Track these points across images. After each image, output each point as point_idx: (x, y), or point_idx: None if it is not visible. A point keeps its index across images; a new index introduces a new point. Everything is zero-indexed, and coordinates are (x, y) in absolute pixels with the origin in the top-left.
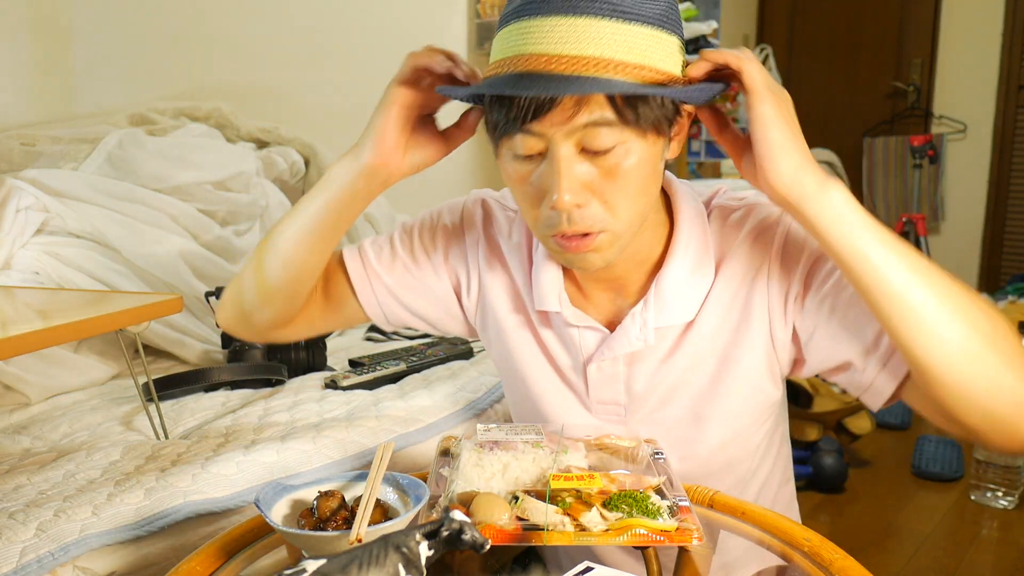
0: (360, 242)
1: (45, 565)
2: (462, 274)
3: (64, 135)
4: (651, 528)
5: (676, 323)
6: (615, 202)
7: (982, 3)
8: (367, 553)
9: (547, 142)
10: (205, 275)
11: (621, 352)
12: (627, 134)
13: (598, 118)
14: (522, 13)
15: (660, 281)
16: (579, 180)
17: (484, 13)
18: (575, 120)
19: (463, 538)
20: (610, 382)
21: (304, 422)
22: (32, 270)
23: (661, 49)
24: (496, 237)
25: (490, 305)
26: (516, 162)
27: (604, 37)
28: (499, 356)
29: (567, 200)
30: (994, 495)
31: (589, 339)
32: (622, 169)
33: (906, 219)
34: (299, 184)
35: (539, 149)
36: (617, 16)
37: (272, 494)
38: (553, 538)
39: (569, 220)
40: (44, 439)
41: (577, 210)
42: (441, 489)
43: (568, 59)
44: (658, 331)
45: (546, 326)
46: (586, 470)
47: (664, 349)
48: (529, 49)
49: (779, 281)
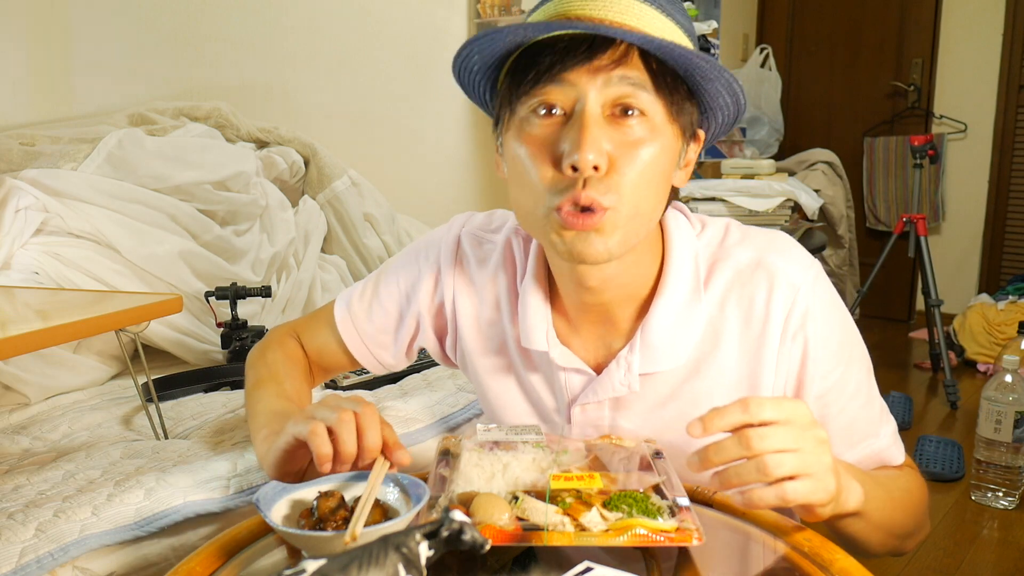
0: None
1: (44, 565)
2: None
3: (64, 135)
4: (651, 528)
5: (661, 369)
6: (628, 179)
7: (982, 3)
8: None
9: (577, 96)
10: (205, 275)
11: (605, 396)
12: (657, 107)
13: (634, 78)
14: None
15: (647, 323)
16: (601, 144)
17: (484, 13)
18: (613, 72)
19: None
20: (594, 425)
21: None
22: (32, 270)
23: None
24: (471, 276)
25: (468, 351)
26: (533, 124)
27: (645, 16)
28: (482, 394)
29: (591, 158)
30: (995, 495)
31: (574, 381)
32: (642, 147)
33: (906, 219)
34: (298, 184)
35: (566, 103)
36: (657, 6)
37: (272, 494)
38: (553, 538)
39: (585, 183)
40: (44, 439)
41: (595, 175)
42: (441, 489)
43: (613, 24)
44: (645, 378)
45: (530, 365)
46: (586, 470)
47: (654, 398)
48: (574, 10)
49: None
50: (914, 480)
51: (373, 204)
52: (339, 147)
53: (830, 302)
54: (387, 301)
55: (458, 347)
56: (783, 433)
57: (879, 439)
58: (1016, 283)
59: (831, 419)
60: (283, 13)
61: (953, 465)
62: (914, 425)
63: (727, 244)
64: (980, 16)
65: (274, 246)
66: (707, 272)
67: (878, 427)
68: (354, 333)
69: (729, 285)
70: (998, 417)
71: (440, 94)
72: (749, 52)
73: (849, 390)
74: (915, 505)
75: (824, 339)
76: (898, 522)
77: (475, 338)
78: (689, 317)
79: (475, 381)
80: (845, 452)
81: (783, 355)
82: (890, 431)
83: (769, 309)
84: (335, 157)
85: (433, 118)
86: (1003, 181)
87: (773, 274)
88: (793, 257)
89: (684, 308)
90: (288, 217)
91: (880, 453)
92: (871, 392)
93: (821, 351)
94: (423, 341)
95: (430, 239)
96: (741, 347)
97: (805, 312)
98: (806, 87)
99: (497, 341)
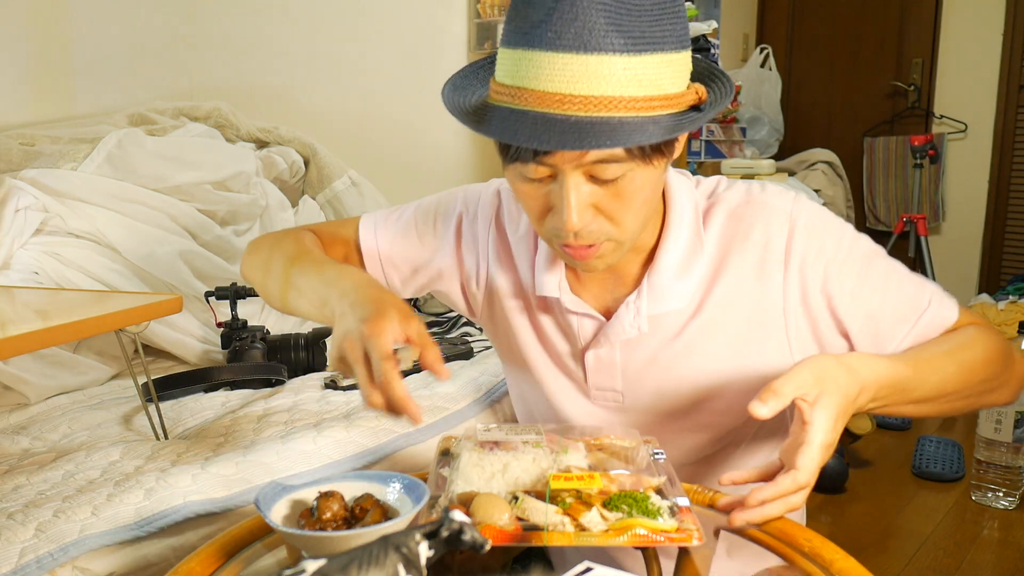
0: (376, 221)
1: (44, 565)
2: (471, 265)
3: (63, 135)
4: (651, 528)
5: (668, 310)
6: (620, 217)
7: (982, 3)
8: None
9: (556, 170)
10: (205, 275)
11: (616, 339)
12: (634, 163)
13: (607, 155)
14: (533, 43)
15: (653, 271)
16: (587, 202)
17: (484, 13)
18: (585, 157)
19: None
20: (607, 369)
21: (304, 422)
22: (32, 270)
23: (671, 72)
24: (506, 228)
25: (496, 294)
26: (525, 183)
27: (615, 75)
28: (502, 345)
29: (575, 222)
30: (995, 495)
31: (587, 327)
32: (628, 191)
33: (906, 219)
34: (298, 184)
35: (548, 173)
36: (628, 50)
37: (272, 494)
38: (553, 538)
39: (576, 236)
40: (43, 439)
41: (584, 228)
42: (441, 489)
43: (580, 99)
44: (652, 319)
45: (546, 313)
46: (586, 470)
47: (661, 338)
48: (541, 86)
49: (798, 284)
50: (975, 335)
51: (373, 204)
52: (339, 147)
53: (821, 214)
54: (417, 235)
55: (486, 292)
56: None
57: (928, 311)
58: (1016, 283)
59: (878, 312)
60: (283, 14)
61: (953, 465)
62: (914, 425)
63: (718, 191)
64: (980, 16)
65: None
66: (704, 217)
67: (922, 299)
68: (374, 249)
69: (725, 224)
70: (998, 417)
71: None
72: (749, 52)
73: (877, 280)
74: (979, 360)
75: (832, 247)
76: (963, 382)
77: (505, 285)
78: (692, 260)
79: (500, 328)
80: (905, 334)
81: (791, 276)
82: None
83: (768, 236)
84: (335, 157)
85: (433, 118)
86: (1003, 181)
87: (762, 204)
88: (775, 190)
89: (687, 252)
90: (288, 217)
91: (933, 322)
92: (899, 273)
93: (834, 259)
94: (441, 287)
95: (468, 188)
96: (742, 278)
97: (803, 230)
98: (806, 87)
99: (520, 286)
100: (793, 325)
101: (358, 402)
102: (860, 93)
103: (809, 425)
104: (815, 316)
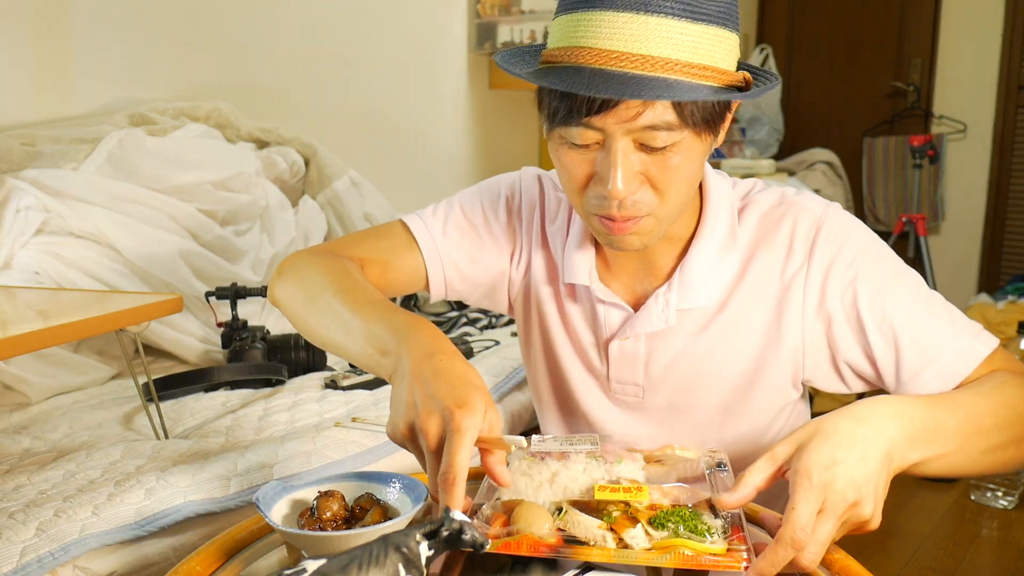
0: (422, 217)
1: (45, 565)
2: (516, 247)
3: (64, 135)
4: (697, 550)
5: (697, 306)
6: (664, 190)
7: (982, 3)
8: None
9: (605, 136)
10: (205, 275)
11: (643, 331)
12: (684, 133)
13: (660, 120)
14: (592, 3)
15: (686, 265)
16: (633, 171)
17: (484, 13)
18: (638, 120)
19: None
20: (630, 362)
21: (304, 422)
22: (32, 270)
23: (723, 48)
24: (545, 215)
25: (532, 278)
26: (570, 150)
27: (673, 38)
28: (528, 332)
29: (620, 190)
30: (994, 495)
31: (614, 317)
32: (675, 163)
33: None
34: (298, 184)
35: (596, 140)
36: (687, 16)
37: (272, 494)
38: (592, 554)
39: (620, 206)
40: (44, 439)
41: (629, 198)
42: (487, 498)
43: (638, 58)
44: (680, 313)
45: (574, 302)
46: (636, 481)
47: (687, 332)
48: (599, 44)
49: (819, 288)
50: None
51: (373, 204)
52: (339, 147)
53: (851, 222)
54: (469, 225)
55: (524, 275)
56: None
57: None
58: (1016, 283)
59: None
60: (283, 13)
61: None
62: None
63: (753, 192)
64: (980, 16)
65: (274, 246)
66: (738, 216)
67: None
68: (432, 245)
69: (757, 224)
70: None
71: (440, 94)
72: (749, 52)
73: (884, 295)
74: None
75: (855, 255)
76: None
77: (539, 270)
78: (725, 258)
79: (529, 313)
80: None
81: (812, 278)
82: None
83: (794, 236)
84: (335, 157)
85: (433, 118)
86: (1003, 181)
87: (793, 205)
88: (810, 195)
89: (720, 250)
90: (288, 217)
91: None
92: (919, 297)
93: (856, 268)
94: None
95: (507, 175)
96: (767, 277)
97: (829, 234)
98: (806, 87)
99: (553, 273)
100: (809, 328)
101: (358, 402)
102: (860, 93)
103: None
104: (830, 320)
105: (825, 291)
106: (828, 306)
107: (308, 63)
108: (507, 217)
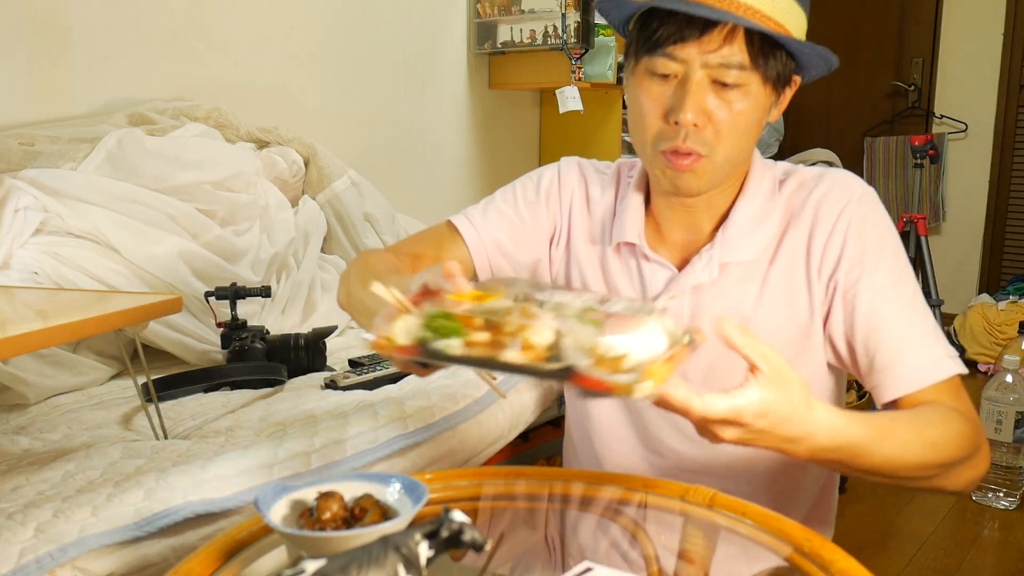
0: (465, 212)
1: (44, 566)
2: (555, 229)
3: (63, 135)
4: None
5: (740, 259)
6: (724, 133)
7: (983, 3)
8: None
9: (686, 69)
10: (205, 275)
11: (688, 284)
12: (753, 77)
13: (734, 59)
14: None
15: (728, 224)
16: (703, 105)
17: (484, 13)
18: (716, 53)
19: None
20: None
21: (304, 422)
22: (31, 270)
23: (795, 18)
24: (589, 190)
25: (573, 244)
26: (651, 80)
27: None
28: None
29: (690, 118)
30: (995, 496)
31: (659, 276)
32: (739, 107)
33: (906, 219)
34: (298, 184)
35: (675, 71)
36: None
37: (272, 494)
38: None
39: (686, 137)
40: (43, 439)
41: (695, 130)
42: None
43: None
44: (723, 268)
45: (618, 263)
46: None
47: (729, 287)
48: None
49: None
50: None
51: (373, 204)
52: (339, 147)
53: (882, 213)
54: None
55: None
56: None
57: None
58: (1016, 283)
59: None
60: (283, 13)
61: None
62: None
63: (795, 168)
64: (980, 16)
65: (274, 246)
66: (779, 186)
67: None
68: (473, 233)
69: (795, 192)
70: (999, 417)
71: (440, 94)
72: None
73: (882, 286)
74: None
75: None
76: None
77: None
78: (765, 217)
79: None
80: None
81: (832, 243)
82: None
83: (820, 204)
84: (335, 157)
85: (433, 118)
86: (1003, 181)
87: (831, 178)
88: (850, 174)
89: (761, 210)
90: (288, 217)
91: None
92: (914, 303)
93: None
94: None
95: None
96: (798, 241)
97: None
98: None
99: (596, 236)
100: (821, 292)
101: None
102: (860, 93)
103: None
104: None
105: (839, 263)
106: (837, 277)
107: (308, 63)
108: (546, 201)
